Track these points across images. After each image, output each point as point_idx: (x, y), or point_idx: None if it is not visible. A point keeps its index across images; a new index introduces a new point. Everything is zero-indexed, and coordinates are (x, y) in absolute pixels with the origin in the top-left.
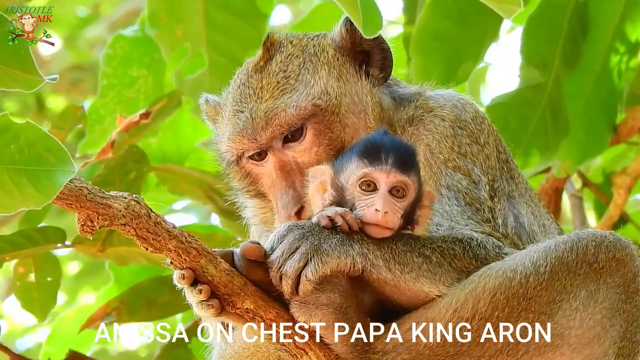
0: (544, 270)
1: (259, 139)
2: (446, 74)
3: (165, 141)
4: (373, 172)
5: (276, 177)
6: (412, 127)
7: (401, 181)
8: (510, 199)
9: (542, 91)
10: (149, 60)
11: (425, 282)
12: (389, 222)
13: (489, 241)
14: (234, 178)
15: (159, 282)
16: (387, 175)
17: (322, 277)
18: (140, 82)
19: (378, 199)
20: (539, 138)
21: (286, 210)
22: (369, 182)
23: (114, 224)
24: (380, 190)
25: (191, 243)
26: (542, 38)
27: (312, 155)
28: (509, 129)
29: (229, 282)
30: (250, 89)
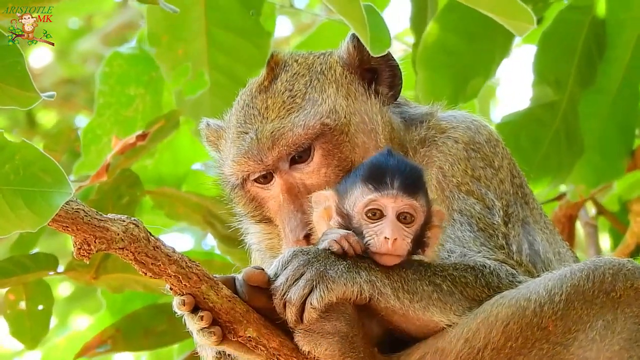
0: (559, 299)
1: (265, 160)
2: (454, 90)
3: (162, 163)
4: (379, 198)
5: (283, 200)
6: (424, 149)
7: (409, 205)
8: (524, 225)
9: (556, 110)
10: (147, 78)
11: (435, 312)
12: (398, 250)
13: (502, 269)
14: (238, 203)
15: (156, 309)
16: (394, 200)
17: (327, 304)
18: (138, 101)
19: (386, 226)
20: (552, 159)
21: (294, 234)
22: (375, 210)
23: (112, 247)
24: (387, 217)
25: (192, 268)
26: (557, 55)
27: (321, 176)
28: (520, 149)
29: (231, 309)
30: (254, 109)
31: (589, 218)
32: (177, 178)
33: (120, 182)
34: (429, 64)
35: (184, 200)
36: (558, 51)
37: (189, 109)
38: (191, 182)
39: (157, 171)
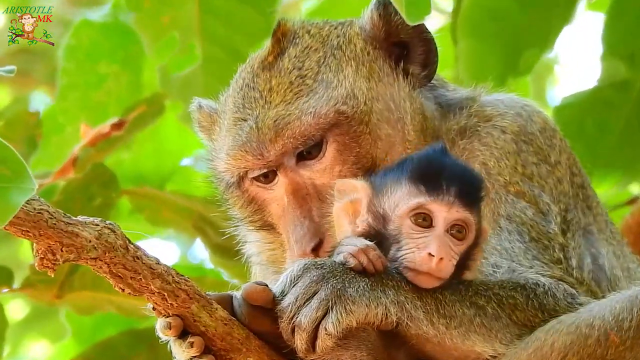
0: (628, 325)
1: (266, 155)
2: (504, 64)
3: (143, 157)
4: (431, 203)
5: (288, 203)
6: (464, 141)
7: (463, 218)
8: (586, 235)
9: (629, 90)
10: (123, 53)
11: (477, 340)
12: (441, 272)
13: (559, 288)
14: (234, 205)
15: (133, 337)
16: (448, 209)
17: (346, 330)
18: (111, 81)
19: (433, 240)
20: (623, 150)
21: (300, 246)
22: (424, 216)
23: (82, 257)
24: (437, 228)
25: (180, 284)
26: (631, 23)
27: (334, 176)
28: (584, 138)
29: (227, 334)
30: (256, 91)
31: None
32: (160, 175)
33: (91, 180)
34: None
35: (169, 203)
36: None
37: (176, 89)
38: (178, 180)
39: (136, 167)
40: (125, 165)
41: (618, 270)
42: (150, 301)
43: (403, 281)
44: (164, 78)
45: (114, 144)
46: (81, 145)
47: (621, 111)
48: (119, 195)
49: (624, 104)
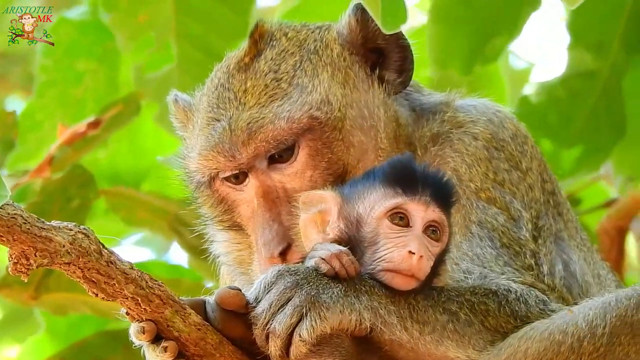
0: (602, 332)
1: (238, 157)
2: (472, 50)
3: (119, 155)
4: (408, 203)
5: (257, 205)
6: (436, 147)
7: (439, 219)
8: (558, 241)
9: (595, 80)
10: (101, 51)
11: (450, 346)
12: (420, 271)
13: (531, 294)
14: (203, 204)
15: (109, 337)
16: (425, 208)
17: (320, 336)
18: (89, 78)
19: (413, 238)
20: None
21: (268, 250)
22: (402, 215)
23: (56, 262)
24: (415, 228)
25: (153, 289)
26: (597, 13)
27: (305, 180)
28: (548, 127)
29: (201, 339)
30: (230, 92)
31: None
32: (136, 174)
33: (69, 181)
34: (443, 18)
35: (145, 203)
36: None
37: (152, 89)
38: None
39: (112, 165)
40: (101, 163)
41: (589, 277)
42: (124, 306)
43: (376, 286)
44: (140, 77)
45: (91, 143)
46: (57, 144)
47: (587, 101)
48: (96, 196)
49: (590, 94)
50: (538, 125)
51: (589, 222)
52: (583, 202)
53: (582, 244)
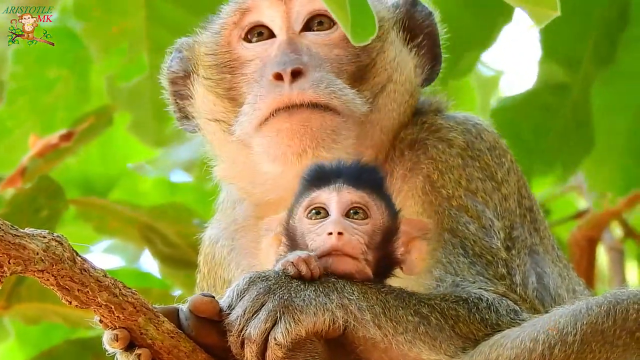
0: (572, 339)
1: None
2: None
3: (89, 162)
4: (320, 194)
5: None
6: (411, 152)
7: (357, 199)
8: (532, 255)
9: (567, 94)
10: (72, 58)
11: (423, 348)
12: (347, 247)
13: (502, 303)
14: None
15: (79, 346)
16: (337, 193)
17: (295, 339)
18: (60, 85)
19: (328, 222)
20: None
21: (277, 68)
22: (318, 209)
23: (29, 269)
24: (331, 214)
25: (127, 297)
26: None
27: (334, 53)
28: (520, 140)
29: (174, 347)
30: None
31: (614, 241)
32: (107, 181)
33: (38, 192)
34: None
35: (115, 212)
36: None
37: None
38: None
39: (82, 171)
40: (71, 171)
41: (563, 291)
42: (97, 314)
43: (347, 285)
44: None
45: (62, 155)
46: (29, 155)
47: (558, 114)
48: (65, 206)
49: (561, 108)
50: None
51: (560, 233)
52: (553, 213)
53: (558, 260)
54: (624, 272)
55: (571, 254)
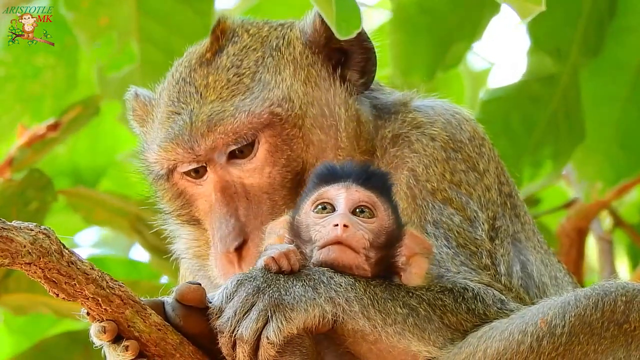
0: (561, 331)
1: (197, 150)
2: (433, 57)
3: (78, 152)
4: (328, 190)
5: (215, 200)
6: (395, 148)
7: (365, 198)
8: (515, 243)
9: (555, 85)
10: (60, 46)
11: (412, 339)
12: (351, 239)
13: (488, 293)
14: (162, 197)
15: (69, 338)
16: (345, 190)
17: (287, 337)
18: (48, 73)
19: (335, 215)
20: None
21: (224, 244)
22: (325, 204)
23: (17, 262)
24: (338, 209)
25: (114, 289)
26: (557, 17)
27: (264, 176)
28: (509, 131)
29: (161, 339)
30: (192, 86)
31: (603, 232)
32: (96, 170)
33: (27, 185)
34: (404, 26)
35: (105, 203)
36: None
37: (114, 90)
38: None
39: (71, 162)
40: (60, 159)
41: (546, 278)
42: (85, 306)
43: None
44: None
45: (50, 145)
46: (17, 145)
47: (547, 106)
48: (54, 198)
49: (549, 99)
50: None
51: (549, 222)
52: (542, 202)
53: (539, 246)
54: (614, 262)
55: (560, 244)
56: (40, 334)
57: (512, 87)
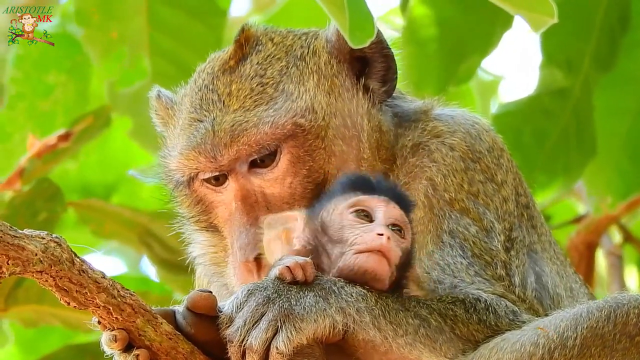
0: (573, 343)
1: (219, 159)
2: (446, 70)
3: (89, 167)
4: (369, 199)
5: (235, 209)
6: (414, 158)
7: (400, 217)
8: (530, 254)
9: (567, 98)
10: (70, 63)
11: (424, 351)
12: (390, 251)
13: (500, 304)
14: (181, 203)
15: (77, 350)
16: (385, 204)
17: (296, 347)
18: (59, 91)
19: (377, 224)
20: (558, 159)
21: (243, 254)
22: (362, 211)
23: (28, 270)
24: (378, 220)
25: (125, 298)
26: (570, 30)
27: (285, 186)
28: (521, 145)
29: (172, 348)
30: (214, 93)
31: (612, 246)
32: (106, 186)
33: (36, 195)
34: (416, 39)
35: (114, 216)
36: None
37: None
38: (124, 191)
39: (82, 176)
40: (71, 175)
41: (561, 289)
42: (96, 315)
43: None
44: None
45: (61, 156)
46: (28, 156)
47: (558, 119)
48: (64, 209)
49: (561, 112)
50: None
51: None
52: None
53: (555, 257)
54: (623, 277)
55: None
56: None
57: (524, 101)
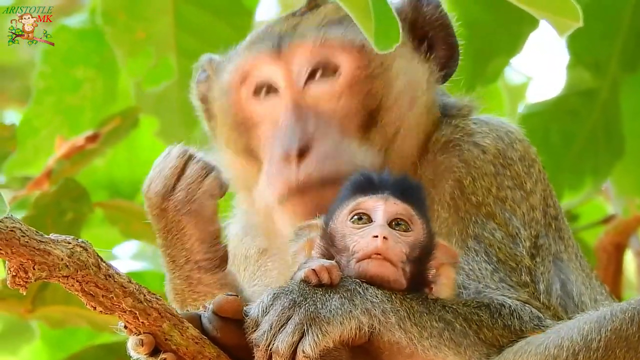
0: (597, 345)
1: (282, 55)
2: (472, 71)
3: (116, 165)
4: (366, 201)
5: (284, 118)
6: (444, 156)
7: (402, 210)
8: (556, 262)
9: (594, 99)
10: (99, 58)
11: (449, 354)
12: (390, 252)
13: (525, 310)
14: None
15: (104, 350)
16: (383, 202)
17: (323, 351)
18: (87, 86)
19: (374, 226)
20: (586, 160)
21: (285, 146)
22: (361, 214)
23: (54, 275)
24: (376, 221)
25: (151, 302)
26: (597, 31)
27: (339, 105)
28: (549, 145)
29: (199, 352)
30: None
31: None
32: (133, 184)
33: (62, 195)
34: None
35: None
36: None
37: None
38: None
39: (109, 175)
40: (98, 173)
41: (586, 298)
42: (122, 319)
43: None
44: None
45: (88, 157)
46: (56, 157)
47: (586, 120)
48: (90, 209)
49: (588, 113)
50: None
51: (587, 238)
52: (581, 218)
53: (582, 268)
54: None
55: (598, 260)
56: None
57: (551, 102)
